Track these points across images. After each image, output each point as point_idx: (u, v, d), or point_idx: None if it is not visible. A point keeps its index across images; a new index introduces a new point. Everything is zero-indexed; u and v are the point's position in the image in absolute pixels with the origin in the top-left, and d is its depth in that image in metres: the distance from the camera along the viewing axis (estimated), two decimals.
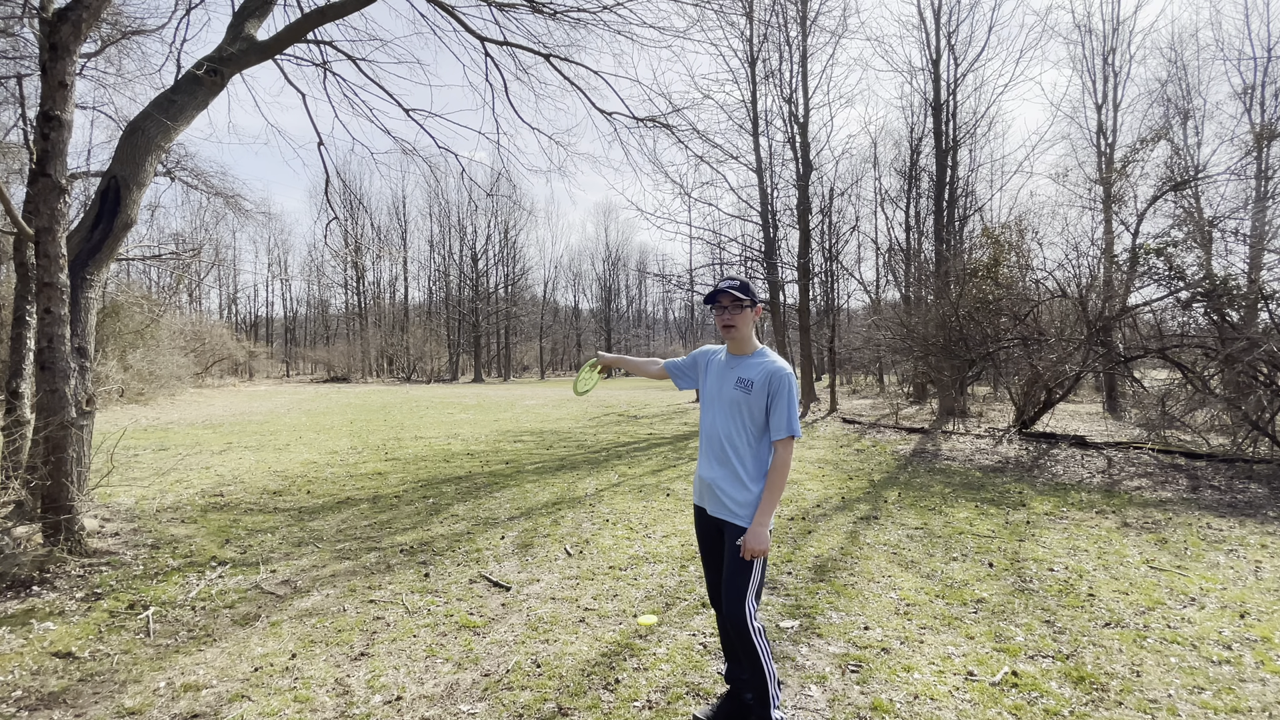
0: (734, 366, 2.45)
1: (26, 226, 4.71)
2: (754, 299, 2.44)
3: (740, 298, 2.40)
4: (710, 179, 27.53)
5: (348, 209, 42.68)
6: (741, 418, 2.37)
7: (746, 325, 2.44)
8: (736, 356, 2.47)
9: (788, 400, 2.32)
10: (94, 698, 2.74)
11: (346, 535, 5.22)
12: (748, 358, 2.45)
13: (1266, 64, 16.59)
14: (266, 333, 53.65)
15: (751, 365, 2.41)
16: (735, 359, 2.47)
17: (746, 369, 2.41)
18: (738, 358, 2.47)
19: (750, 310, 2.43)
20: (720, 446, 2.40)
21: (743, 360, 2.45)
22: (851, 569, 4.31)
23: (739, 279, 2.45)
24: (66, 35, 4.38)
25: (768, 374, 2.34)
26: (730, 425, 2.39)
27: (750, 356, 2.45)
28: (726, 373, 2.45)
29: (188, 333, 26.36)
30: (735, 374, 2.41)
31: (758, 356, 2.43)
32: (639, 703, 2.66)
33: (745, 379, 2.38)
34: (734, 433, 2.38)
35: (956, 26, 16.85)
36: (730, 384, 2.41)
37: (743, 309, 2.42)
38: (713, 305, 2.46)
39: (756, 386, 2.34)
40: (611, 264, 60.40)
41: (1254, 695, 2.71)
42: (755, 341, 2.49)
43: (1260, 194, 15.04)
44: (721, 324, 2.45)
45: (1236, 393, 8.06)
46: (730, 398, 2.39)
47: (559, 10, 7.75)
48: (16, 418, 5.02)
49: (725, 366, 2.48)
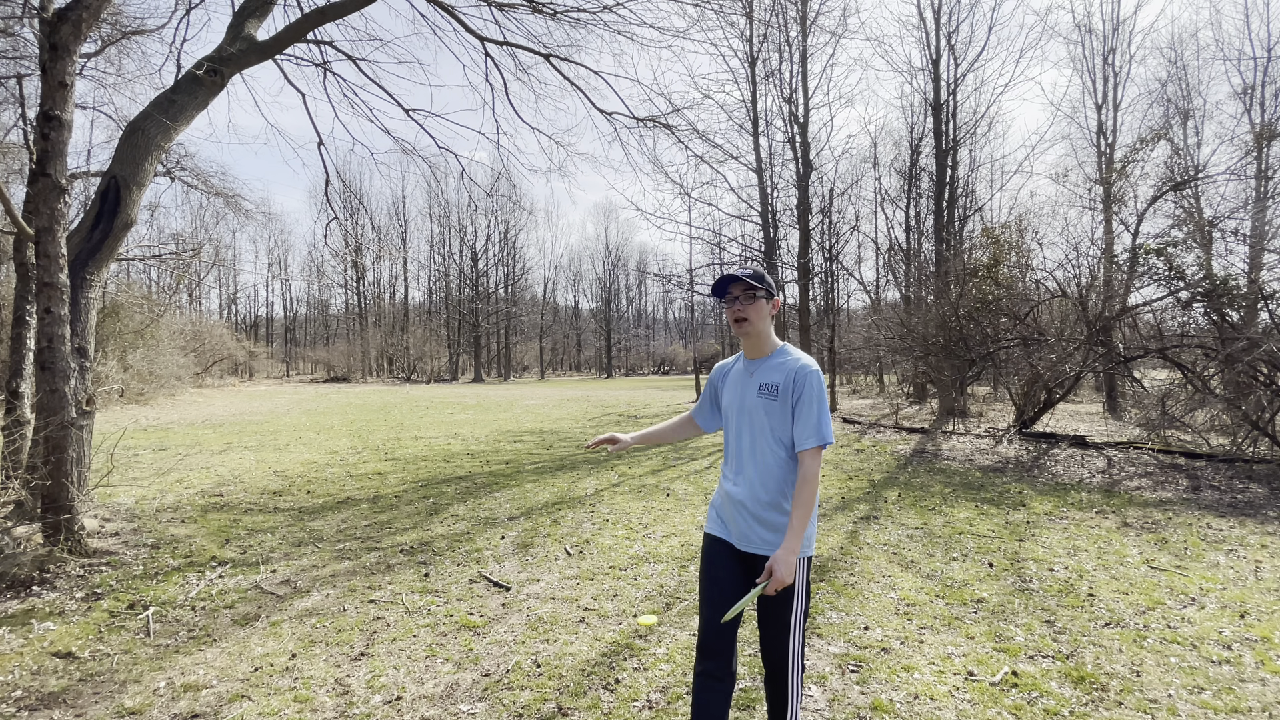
0: (754, 372, 2.06)
1: (26, 226, 4.71)
2: (770, 289, 2.04)
3: (754, 285, 2.01)
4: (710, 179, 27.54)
5: (348, 209, 42.71)
6: (773, 431, 1.98)
7: (762, 319, 2.03)
8: (755, 360, 2.08)
9: (817, 401, 1.93)
10: (94, 698, 2.74)
11: (346, 535, 5.22)
12: (768, 359, 2.05)
13: (1266, 64, 16.59)
14: (266, 333, 53.67)
15: (774, 367, 2.02)
16: (754, 363, 2.08)
17: (769, 372, 2.02)
18: (756, 361, 2.08)
19: (767, 302, 2.04)
20: (748, 466, 2.02)
21: (763, 363, 2.05)
22: (851, 569, 4.31)
23: (752, 267, 2.09)
24: (66, 35, 4.38)
25: (791, 373, 1.97)
26: (760, 442, 2.00)
27: (771, 357, 2.05)
28: (746, 380, 2.07)
29: (188, 333, 26.36)
30: (756, 380, 2.03)
31: (779, 356, 2.05)
32: (639, 703, 2.66)
33: (769, 384, 2.00)
34: (765, 450, 1.99)
35: (956, 26, 16.86)
36: (752, 393, 2.03)
37: (756, 299, 2.02)
38: (722, 297, 2.08)
39: (782, 390, 1.97)
40: (611, 264, 60.46)
41: (1254, 695, 2.71)
42: (775, 339, 2.10)
43: (1260, 194, 15.04)
44: (733, 317, 2.05)
45: (1236, 393, 8.06)
46: (755, 408, 2.01)
47: (559, 10, 7.75)
48: (16, 418, 5.02)
49: (744, 374, 2.09)
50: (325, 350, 47.94)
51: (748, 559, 2.02)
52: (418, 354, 46.98)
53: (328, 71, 8.14)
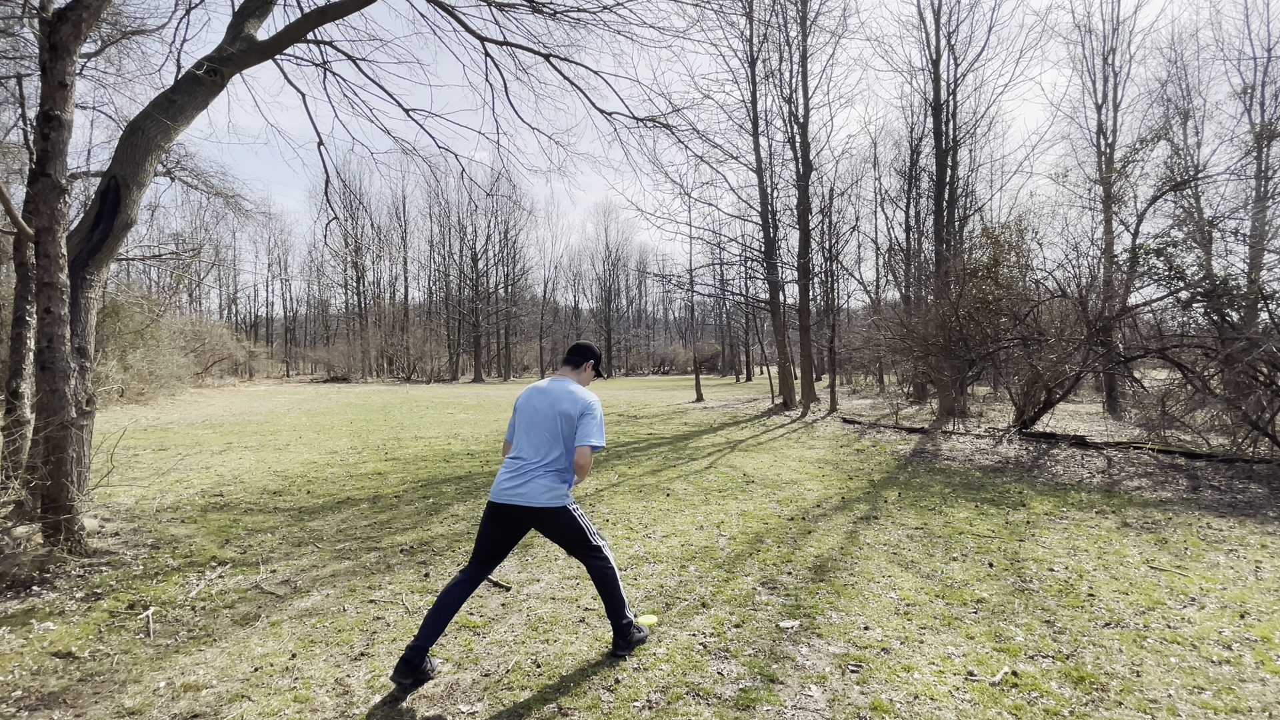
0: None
1: (26, 226, 4.71)
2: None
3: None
4: (710, 179, 27.56)
5: (348, 209, 42.74)
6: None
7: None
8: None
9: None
10: (94, 698, 2.74)
11: (346, 535, 5.22)
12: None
13: (1266, 64, 16.60)
14: (266, 333, 53.66)
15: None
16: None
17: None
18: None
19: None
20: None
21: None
22: (851, 569, 4.31)
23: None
24: (66, 35, 4.38)
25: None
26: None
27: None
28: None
29: (188, 333, 26.36)
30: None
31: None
32: (639, 703, 2.66)
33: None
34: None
35: (956, 26, 16.87)
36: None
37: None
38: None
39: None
40: (611, 264, 60.43)
41: (1254, 695, 2.71)
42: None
43: (1260, 194, 15.03)
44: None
45: (1236, 393, 8.06)
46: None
47: (559, 10, 7.75)
48: (16, 418, 5.02)
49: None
50: (325, 350, 47.91)
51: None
52: (418, 354, 46.97)
53: (328, 71, 8.14)
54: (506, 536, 3.00)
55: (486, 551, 3.00)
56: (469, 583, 2.95)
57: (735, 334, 46.33)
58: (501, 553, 3.03)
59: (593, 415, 2.94)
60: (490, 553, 3.00)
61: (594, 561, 3.04)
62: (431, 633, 2.81)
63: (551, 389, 3.03)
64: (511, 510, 2.93)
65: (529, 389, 3.12)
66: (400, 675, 2.74)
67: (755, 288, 23.98)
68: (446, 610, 2.86)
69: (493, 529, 2.99)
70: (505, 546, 3.03)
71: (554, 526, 2.97)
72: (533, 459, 2.94)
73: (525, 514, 2.93)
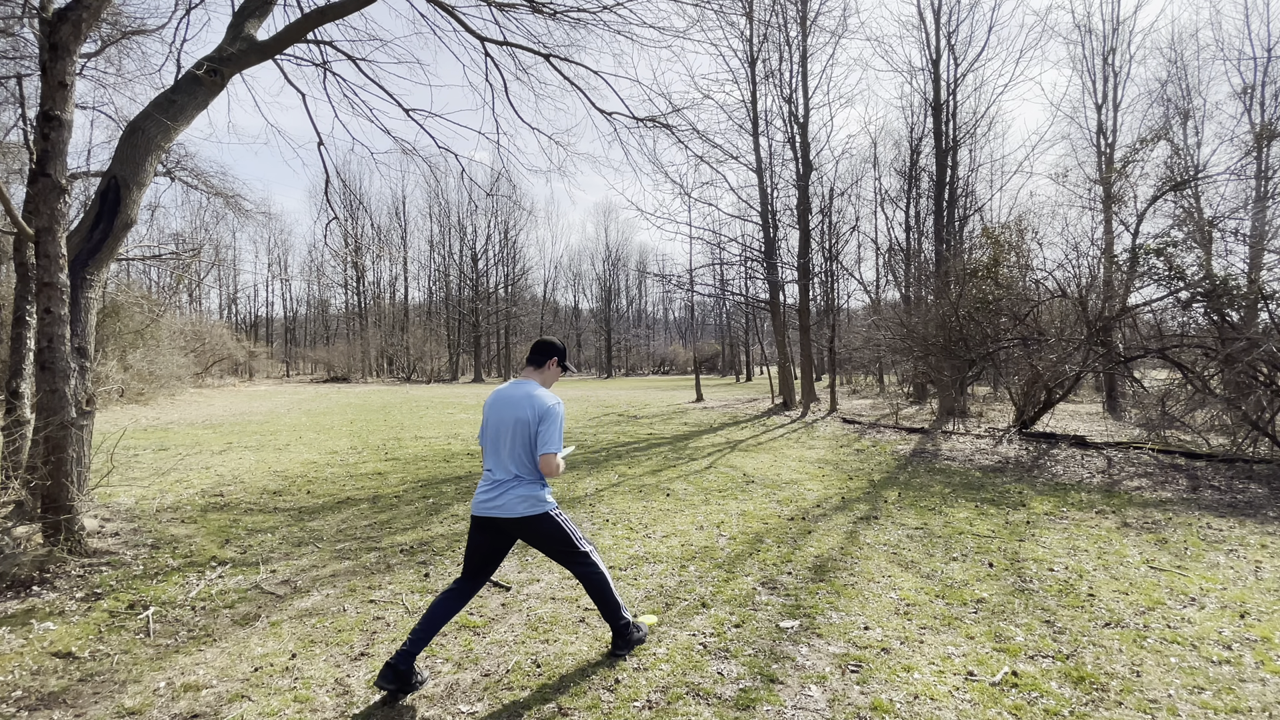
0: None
1: (26, 226, 4.71)
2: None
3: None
4: (710, 179, 27.57)
5: (348, 209, 42.75)
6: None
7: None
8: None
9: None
10: (94, 698, 2.74)
11: (346, 535, 5.23)
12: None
13: (1266, 64, 16.59)
14: (266, 333, 53.66)
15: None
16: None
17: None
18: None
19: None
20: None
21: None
22: (851, 569, 4.31)
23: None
24: (66, 35, 4.38)
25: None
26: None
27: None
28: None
29: (188, 333, 26.36)
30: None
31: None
32: (639, 703, 2.66)
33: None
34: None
35: (956, 26, 16.87)
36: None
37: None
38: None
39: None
40: (611, 264, 60.40)
41: (1254, 695, 2.71)
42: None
43: (1260, 194, 15.03)
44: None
45: (1236, 393, 8.06)
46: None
47: (559, 10, 7.75)
48: (16, 418, 5.02)
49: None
50: (325, 350, 47.91)
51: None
52: (418, 354, 46.97)
53: (328, 71, 8.14)
54: (493, 548, 2.99)
55: (475, 564, 2.99)
56: (458, 595, 2.93)
57: (735, 334, 46.33)
58: (490, 566, 3.01)
59: (551, 420, 2.87)
60: (479, 565, 2.99)
61: (581, 568, 3.03)
62: (419, 641, 2.79)
63: (512, 394, 2.97)
64: (493, 522, 2.93)
65: (493, 395, 3.06)
66: (385, 681, 2.70)
67: (755, 288, 23.97)
68: (436, 620, 2.85)
69: (478, 539, 2.98)
70: (494, 558, 3.01)
71: (537, 534, 2.95)
72: (501, 473, 2.92)
73: (506, 525, 2.92)
